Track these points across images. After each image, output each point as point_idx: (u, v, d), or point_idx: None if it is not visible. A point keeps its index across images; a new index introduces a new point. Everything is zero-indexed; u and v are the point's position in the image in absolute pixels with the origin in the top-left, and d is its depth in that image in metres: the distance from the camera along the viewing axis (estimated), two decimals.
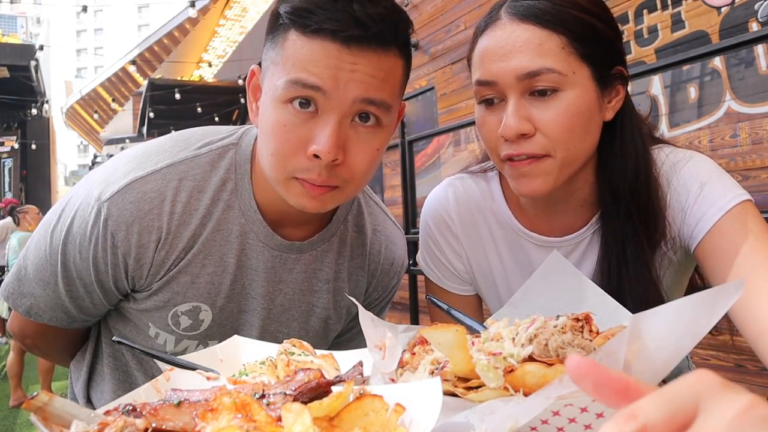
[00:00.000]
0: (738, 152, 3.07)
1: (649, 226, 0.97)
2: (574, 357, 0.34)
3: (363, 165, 0.89)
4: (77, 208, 0.97)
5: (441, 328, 0.61)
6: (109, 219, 0.93)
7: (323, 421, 0.49)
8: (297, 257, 1.05)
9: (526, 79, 0.90)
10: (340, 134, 0.85)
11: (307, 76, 0.83)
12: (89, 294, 1.01)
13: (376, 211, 1.19)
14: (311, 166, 0.86)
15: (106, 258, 0.95)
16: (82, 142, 48.66)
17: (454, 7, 5.71)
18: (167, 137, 1.04)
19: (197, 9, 10.58)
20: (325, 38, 0.82)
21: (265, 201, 1.00)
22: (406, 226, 3.93)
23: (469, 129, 5.04)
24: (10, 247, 5.43)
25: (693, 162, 0.97)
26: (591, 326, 0.69)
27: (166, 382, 0.71)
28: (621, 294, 0.95)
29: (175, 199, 0.95)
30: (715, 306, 0.53)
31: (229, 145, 1.01)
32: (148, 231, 0.94)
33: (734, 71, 3.08)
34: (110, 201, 0.93)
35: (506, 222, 1.11)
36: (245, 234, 1.00)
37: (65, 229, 0.97)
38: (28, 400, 0.52)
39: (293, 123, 0.85)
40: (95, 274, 0.97)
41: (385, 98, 0.87)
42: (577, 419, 0.54)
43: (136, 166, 0.96)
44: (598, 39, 0.93)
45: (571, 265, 0.92)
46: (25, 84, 14.28)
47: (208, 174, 0.98)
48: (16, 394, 4.84)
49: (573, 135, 0.91)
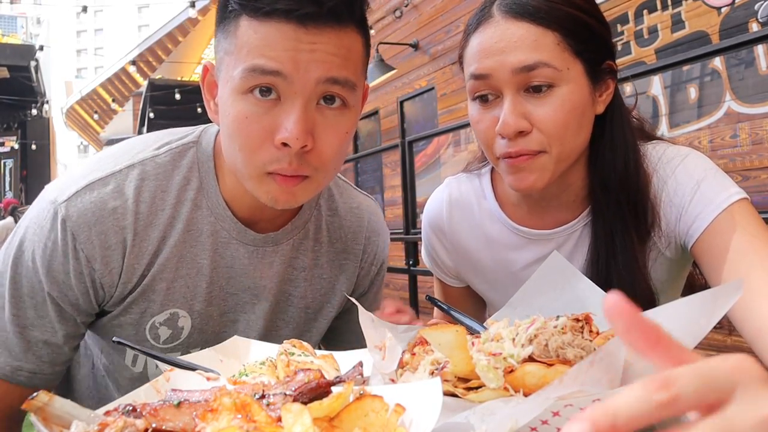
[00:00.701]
0: (738, 152, 3.07)
1: (638, 217, 0.97)
2: (613, 296, 0.33)
3: (333, 149, 0.86)
4: (30, 218, 0.91)
5: (441, 328, 0.61)
6: (67, 220, 0.86)
7: (323, 422, 0.49)
8: (274, 249, 1.02)
9: (521, 73, 0.90)
10: (306, 119, 0.81)
11: (264, 62, 0.79)
12: (40, 318, 0.89)
13: (346, 190, 1.17)
14: (281, 155, 0.82)
15: (66, 265, 0.87)
16: (82, 142, 48.69)
17: (454, 8, 5.71)
18: (124, 142, 1.01)
19: (197, 9, 10.57)
20: (280, 20, 0.78)
21: (233, 197, 0.97)
22: (406, 226, 3.93)
23: (469, 129, 5.03)
24: None
25: (688, 160, 0.98)
26: (591, 326, 0.69)
27: (166, 382, 0.71)
28: (609, 283, 0.96)
29: (138, 198, 0.91)
30: (715, 306, 0.53)
31: (189, 143, 0.98)
32: (114, 231, 0.89)
33: (734, 71, 3.09)
34: (68, 202, 0.87)
35: (497, 219, 1.12)
36: (216, 233, 0.97)
37: (17, 241, 0.90)
38: (28, 400, 0.52)
39: (256, 113, 0.81)
40: (50, 285, 0.88)
41: (348, 76, 0.83)
42: None
43: (94, 169, 0.92)
44: (590, 35, 0.94)
45: (571, 266, 0.92)
46: (25, 84, 14.28)
47: (170, 173, 0.94)
48: None
49: (568, 131, 0.92)
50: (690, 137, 3.30)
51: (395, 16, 6.69)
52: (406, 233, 3.91)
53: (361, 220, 1.15)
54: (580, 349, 0.62)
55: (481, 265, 1.16)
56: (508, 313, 0.93)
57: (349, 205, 1.15)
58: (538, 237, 1.08)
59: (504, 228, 1.12)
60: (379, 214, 1.21)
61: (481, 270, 1.16)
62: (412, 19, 6.46)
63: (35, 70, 14.20)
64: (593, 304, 0.83)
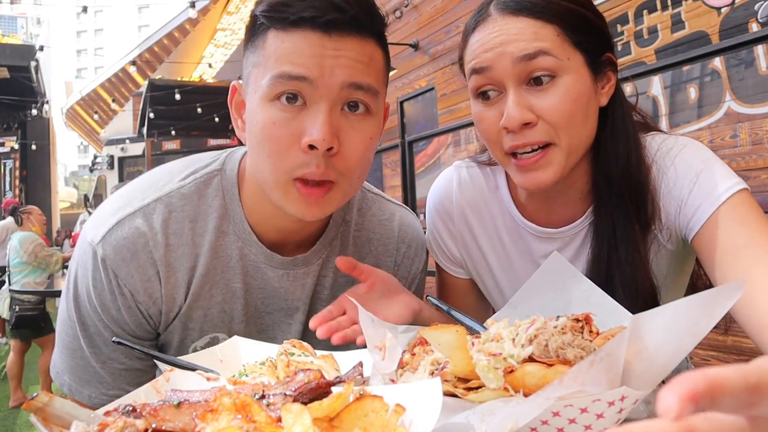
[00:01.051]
0: (738, 152, 3.07)
1: (640, 209, 0.97)
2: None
3: (358, 153, 0.88)
4: (77, 260, 0.95)
5: (441, 328, 0.61)
6: (106, 259, 0.91)
7: (323, 422, 0.49)
8: (305, 270, 1.04)
9: (522, 62, 0.90)
10: (332, 122, 0.83)
11: (291, 68, 0.82)
12: (114, 352, 0.96)
13: (377, 202, 1.16)
14: (308, 159, 0.84)
15: (116, 302, 0.93)
16: (82, 142, 48.67)
17: (454, 8, 5.71)
18: (150, 174, 1.04)
19: (197, 10, 10.57)
20: (305, 28, 0.82)
21: (258, 222, 0.99)
22: None
23: (470, 129, 5.04)
24: (11, 248, 5.43)
25: (686, 150, 0.97)
26: (591, 327, 0.69)
27: (166, 382, 0.71)
28: (610, 275, 0.96)
29: (166, 231, 0.94)
30: (716, 306, 0.53)
31: (213, 172, 1.00)
32: (149, 264, 0.93)
33: (734, 72, 3.08)
34: (103, 241, 0.92)
35: (508, 212, 1.12)
36: (245, 256, 0.99)
37: (72, 285, 0.95)
38: (28, 400, 0.52)
39: (283, 119, 0.84)
40: (109, 322, 0.94)
41: (371, 83, 0.86)
42: (577, 420, 0.54)
43: (124, 204, 0.96)
44: (589, 27, 0.94)
45: (571, 266, 0.92)
46: (25, 84, 14.28)
47: (196, 203, 0.97)
48: (16, 394, 4.84)
49: (575, 120, 0.92)
50: (690, 137, 3.29)
51: (395, 16, 6.69)
52: None
53: (391, 232, 1.14)
54: (580, 349, 0.62)
55: (488, 255, 1.15)
56: (508, 313, 0.93)
57: (379, 217, 1.14)
58: (546, 235, 1.07)
59: (514, 222, 1.11)
60: (412, 224, 1.18)
61: (487, 260, 1.15)
62: (412, 19, 6.46)
63: (35, 70, 14.21)
64: (593, 305, 0.82)
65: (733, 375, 0.27)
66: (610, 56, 0.98)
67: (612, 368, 0.54)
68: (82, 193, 33.18)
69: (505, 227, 1.12)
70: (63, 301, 0.98)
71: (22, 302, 4.89)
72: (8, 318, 5.07)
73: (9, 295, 5.13)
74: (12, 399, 4.84)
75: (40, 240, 5.54)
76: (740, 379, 0.27)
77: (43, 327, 4.97)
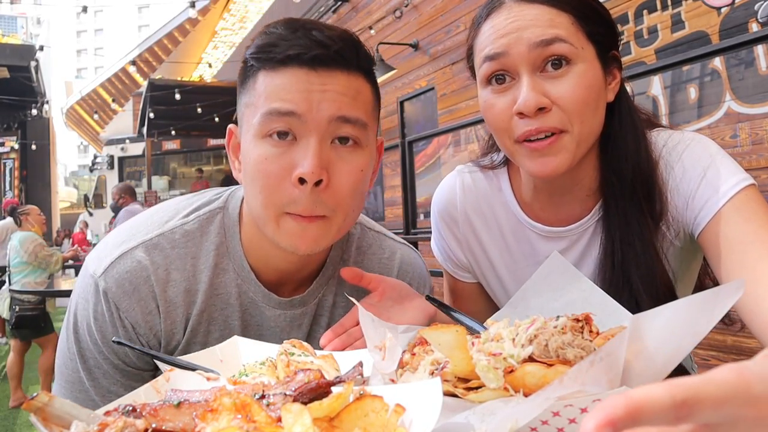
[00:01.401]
0: (738, 152, 3.06)
1: (652, 204, 0.97)
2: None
3: (348, 186, 0.89)
4: (78, 292, 0.96)
5: (441, 328, 0.61)
6: (108, 292, 0.92)
7: (323, 422, 0.49)
8: (302, 311, 1.04)
9: (539, 47, 0.90)
10: (321, 155, 0.85)
11: (281, 104, 0.85)
12: (114, 384, 0.96)
13: (377, 240, 1.15)
14: (298, 195, 0.86)
15: (117, 334, 0.93)
16: (82, 142, 48.66)
17: (454, 8, 5.71)
18: (152, 210, 1.05)
19: (197, 9, 10.57)
20: (293, 66, 0.85)
21: (257, 261, 0.99)
22: (406, 226, 3.93)
23: (469, 129, 5.03)
24: (11, 248, 5.43)
25: (694, 145, 0.97)
26: (591, 327, 0.69)
27: (166, 382, 0.71)
28: (627, 272, 0.95)
29: (167, 266, 0.95)
30: (716, 306, 0.53)
31: (215, 210, 1.01)
32: (150, 298, 0.94)
33: (734, 72, 3.08)
34: (105, 274, 0.92)
35: (513, 213, 1.12)
36: (244, 294, 1.00)
37: (72, 318, 0.96)
38: (28, 400, 0.52)
39: (274, 154, 0.86)
40: (110, 354, 0.94)
41: (359, 116, 0.88)
42: (577, 420, 0.54)
43: (127, 238, 0.97)
44: (601, 20, 0.95)
45: (571, 266, 0.92)
46: (25, 84, 14.28)
47: (198, 240, 0.98)
48: (16, 394, 4.84)
49: (588, 108, 0.92)
50: None
51: (395, 16, 6.69)
52: (406, 233, 3.90)
53: (390, 271, 1.12)
54: (580, 349, 0.62)
55: (494, 258, 1.15)
56: (508, 313, 0.93)
57: (379, 256, 1.13)
58: (553, 234, 1.07)
59: (518, 223, 1.11)
60: (413, 263, 1.16)
61: (493, 263, 1.15)
62: (412, 19, 6.45)
63: (35, 70, 14.21)
64: (593, 305, 0.82)
65: (660, 393, 0.28)
66: (616, 54, 0.99)
67: (612, 368, 0.54)
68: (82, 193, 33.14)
69: (510, 229, 1.12)
70: (63, 334, 0.99)
71: (23, 302, 4.89)
72: (8, 318, 5.07)
73: (9, 295, 5.13)
74: (12, 399, 4.85)
75: (40, 240, 5.54)
76: (666, 397, 0.28)
77: (44, 327, 4.97)
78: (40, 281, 5.34)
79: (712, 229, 0.90)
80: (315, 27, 0.87)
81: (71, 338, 0.96)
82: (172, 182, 16.29)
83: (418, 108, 6.49)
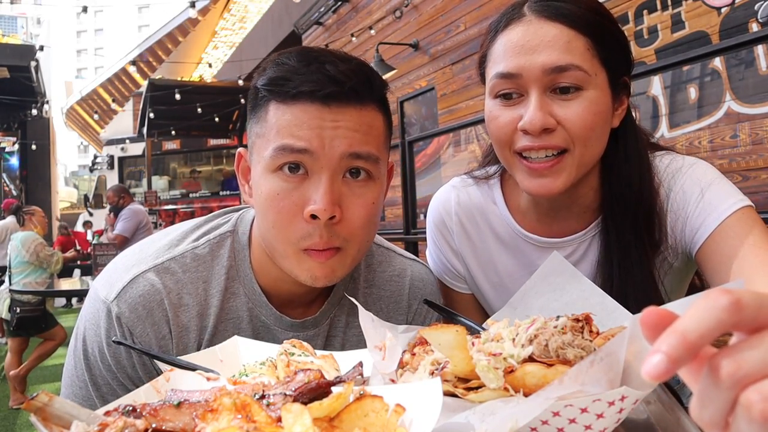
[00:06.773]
0: (738, 153, 3.07)
1: (651, 231, 0.98)
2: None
3: (361, 219, 0.89)
4: (86, 319, 0.95)
5: (441, 328, 0.61)
6: (121, 317, 0.91)
7: (323, 422, 0.49)
8: (315, 332, 1.03)
9: (552, 73, 0.90)
10: (333, 191, 0.85)
11: (293, 141, 0.84)
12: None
13: (388, 257, 1.14)
14: (311, 230, 0.86)
15: (131, 359, 0.92)
16: (82, 142, 48.66)
17: (454, 8, 5.71)
18: (162, 233, 1.04)
19: (197, 9, 10.57)
20: (305, 101, 0.84)
21: (267, 283, 0.99)
22: (406, 226, 3.93)
23: (469, 129, 5.04)
24: (12, 247, 5.43)
25: (694, 169, 0.99)
26: (591, 327, 0.69)
27: (166, 382, 0.71)
28: (625, 297, 0.96)
29: (180, 291, 0.95)
30: None
31: (226, 233, 1.01)
32: (164, 322, 0.93)
33: (734, 72, 3.08)
34: (118, 299, 0.91)
35: (507, 225, 1.12)
36: (256, 317, 0.99)
37: (81, 345, 0.94)
38: (28, 400, 0.52)
39: (286, 189, 0.86)
40: (124, 378, 0.92)
41: (371, 150, 0.88)
42: (577, 420, 0.54)
43: (137, 262, 0.96)
44: (617, 45, 0.95)
45: (571, 266, 0.92)
46: (25, 84, 14.27)
47: (209, 263, 0.98)
48: (15, 394, 4.84)
49: (593, 133, 0.93)
50: (690, 137, 3.29)
51: (395, 16, 6.69)
52: (406, 233, 3.90)
53: (401, 288, 1.11)
54: (580, 349, 0.62)
55: (489, 269, 1.16)
56: (508, 314, 0.93)
57: (390, 273, 1.12)
58: (548, 245, 1.08)
59: (514, 235, 1.12)
60: (425, 279, 1.14)
61: (488, 273, 1.16)
62: (412, 19, 6.46)
63: (35, 70, 14.20)
64: (593, 305, 0.82)
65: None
66: (627, 80, 0.99)
67: (612, 368, 0.54)
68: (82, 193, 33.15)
69: (505, 240, 1.13)
70: (71, 360, 0.97)
71: (23, 303, 4.88)
72: (8, 319, 5.07)
73: (9, 296, 5.12)
74: (12, 399, 4.84)
75: (41, 239, 5.55)
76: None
77: (44, 327, 4.96)
78: (41, 281, 5.34)
79: (709, 247, 0.92)
80: (328, 60, 0.86)
81: (80, 365, 0.94)
82: (172, 182, 16.28)
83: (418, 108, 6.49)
